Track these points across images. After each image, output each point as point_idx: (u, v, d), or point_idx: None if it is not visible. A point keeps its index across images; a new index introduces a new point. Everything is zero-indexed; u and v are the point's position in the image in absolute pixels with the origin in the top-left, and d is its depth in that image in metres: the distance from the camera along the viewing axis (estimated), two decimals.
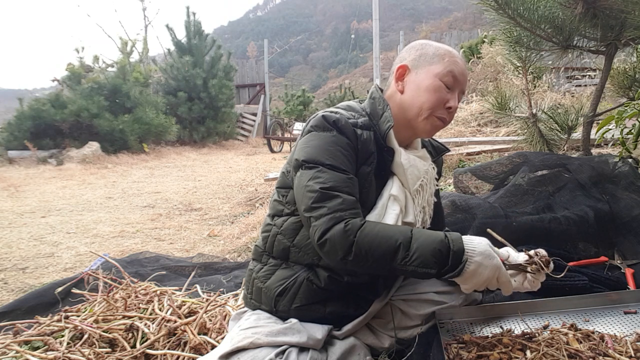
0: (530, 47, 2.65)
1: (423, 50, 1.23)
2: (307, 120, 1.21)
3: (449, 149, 1.42)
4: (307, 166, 1.12)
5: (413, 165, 1.21)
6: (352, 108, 1.24)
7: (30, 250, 3.03)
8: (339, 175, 1.09)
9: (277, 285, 1.19)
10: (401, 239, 1.01)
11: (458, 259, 1.01)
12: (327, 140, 1.12)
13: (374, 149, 1.17)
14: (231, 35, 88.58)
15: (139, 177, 6.56)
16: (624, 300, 1.36)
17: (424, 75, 1.19)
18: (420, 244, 1.01)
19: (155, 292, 1.72)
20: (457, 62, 1.20)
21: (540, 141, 2.87)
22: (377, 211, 1.15)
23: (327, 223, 1.04)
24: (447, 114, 1.20)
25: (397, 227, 1.09)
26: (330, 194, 1.06)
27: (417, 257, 1.00)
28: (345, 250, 1.02)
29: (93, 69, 10.05)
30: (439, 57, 1.20)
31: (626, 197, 1.91)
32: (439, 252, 1.00)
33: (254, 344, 1.08)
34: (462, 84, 1.21)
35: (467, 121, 5.99)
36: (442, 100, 1.18)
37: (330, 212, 1.04)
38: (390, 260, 1.01)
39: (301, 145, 1.16)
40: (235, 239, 3.13)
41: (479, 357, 1.08)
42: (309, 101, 15.76)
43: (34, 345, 1.40)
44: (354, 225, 1.03)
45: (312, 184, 1.08)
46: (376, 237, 1.02)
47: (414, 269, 1.00)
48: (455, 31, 13.54)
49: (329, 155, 1.10)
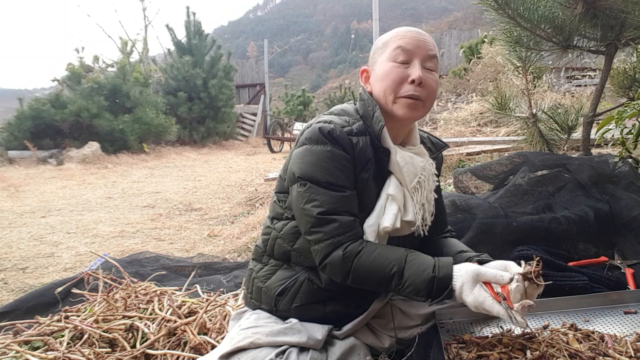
0: (530, 47, 2.65)
1: (375, 46, 1.23)
2: (304, 127, 1.19)
3: (447, 144, 1.40)
4: (302, 183, 1.11)
5: (409, 163, 1.18)
6: (347, 112, 1.22)
7: (30, 250, 3.03)
8: (335, 196, 1.09)
9: (278, 285, 1.19)
10: (396, 268, 1.05)
11: (444, 286, 1.03)
12: (322, 155, 1.10)
13: (370, 154, 1.16)
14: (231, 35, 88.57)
15: (139, 177, 6.56)
16: (624, 300, 1.36)
17: (378, 67, 1.19)
18: (412, 273, 1.04)
19: (155, 292, 1.72)
20: (405, 35, 1.16)
21: (540, 141, 2.87)
22: (376, 212, 1.14)
23: (326, 249, 1.08)
24: (414, 89, 1.14)
25: (394, 252, 1.08)
26: (327, 219, 1.08)
27: (409, 284, 1.05)
28: (344, 275, 1.08)
29: (93, 69, 10.06)
30: (384, 44, 1.19)
31: (626, 197, 1.91)
32: (428, 281, 1.03)
33: (254, 344, 1.08)
34: (419, 50, 1.15)
35: (467, 121, 5.99)
36: (399, 77, 1.14)
37: (328, 237, 1.08)
38: (386, 285, 1.07)
39: (296, 159, 1.14)
40: (235, 239, 3.13)
41: (479, 357, 1.08)
42: (309, 101, 15.77)
43: (34, 345, 1.40)
44: (351, 252, 1.07)
45: (310, 207, 1.09)
46: (372, 264, 1.06)
47: (407, 294, 1.07)
48: (455, 31, 13.53)
49: (325, 172, 1.09)
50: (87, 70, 9.88)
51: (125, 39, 11.57)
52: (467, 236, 1.84)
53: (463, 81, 8.37)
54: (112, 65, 10.40)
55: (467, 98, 7.22)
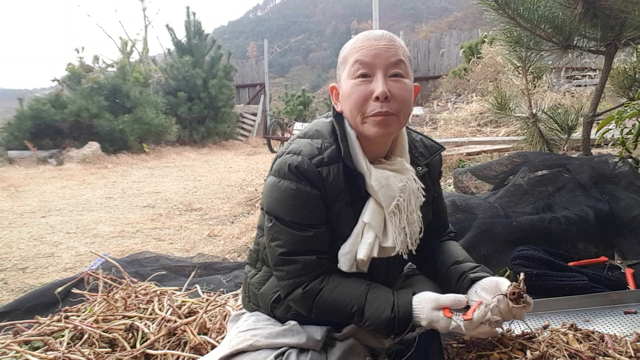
0: (530, 47, 2.65)
1: (339, 61, 1.13)
2: (277, 154, 1.13)
3: (443, 146, 1.29)
4: (269, 218, 1.10)
5: (385, 185, 1.08)
6: (321, 134, 1.13)
7: (30, 250, 3.03)
8: (299, 236, 1.07)
9: (273, 293, 1.18)
10: (356, 307, 1.06)
11: (404, 325, 1.04)
12: (288, 193, 1.06)
13: (343, 184, 1.09)
14: (231, 35, 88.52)
15: (139, 177, 6.56)
16: (624, 300, 1.36)
17: (342, 85, 1.10)
18: (371, 313, 1.05)
19: (155, 292, 1.72)
20: (362, 46, 1.06)
21: (540, 141, 2.87)
22: (351, 240, 1.10)
23: (288, 288, 1.10)
24: (380, 106, 1.04)
25: (355, 290, 1.07)
26: (288, 260, 1.08)
27: (369, 323, 1.06)
28: (307, 311, 1.10)
29: (93, 69, 10.05)
30: (344, 59, 1.10)
31: (626, 197, 1.91)
32: (387, 321, 1.04)
33: (253, 346, 1.08)
34: (379, 60, 1.04)
35: (467, 121, 5.99)
36: (362, 96, 1.05)
37: (291, 277, 1.09)
38: (349, 320, 1.09)
39: (266, 192, 1.12)
40: (235, 239, 3.14)
41: (479, 357, 1.08)
42: (309, 101, 15.77)
43: (34, 345, 1.40)
44: (312, 291, 1.08)
45: (273, 246, 1.10)
46: (334, 303, 1.07)
47: (369, 331, 1.09)
48: (455, 31, 13.53)
49: (289, 210, 1.06)
50: (87, 70, 9.88)
51: (125, 39, 11.57)
52: (467, 236, 1.84)
53: (463, 81, 8.37)
54: (112, 65, 10.39)
55: (467, 98, 7.22)
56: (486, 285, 1.09)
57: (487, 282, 1.10)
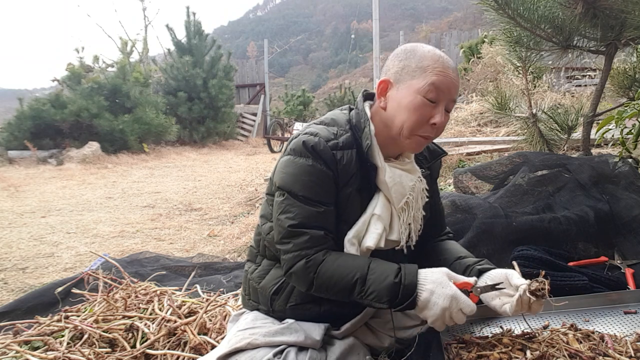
0: (530, 47, 2.65)
1: (406, 61, 1.13)
2: (292, 137, 1.17)
3: (445, 151, 1.37)
4: (281, 193, 1.12)
5: (398, 183, 1.15)
6: (336, 122, 1.18)
7: (30, 250, 3.03)
8: (310, 210, 1.09)
9: (272, 285, 1.19)
10: (358, 275, 1.06)
11: (410, 293, 1.03)
12: (303, 169, 1.09)
13: (355, 169, 1.13)
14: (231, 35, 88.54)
15: (139, 177, 6.56)
16: (624, 300, 1.36)
17: (405, 92, 1.11)
18: (375, 279, 1.05)
19: (155, 292, 1.72)
20: (442, 72, 1.10)
21: (540, 141, 2.87)
22: (357, 227, 1.13)
23: (292, 260, 1.10)
24: (431, 131, 1.12)
25: (357, 260, 1.08)
26: (297, 232, 1.09)
27: (371, 291, 1.04)
28: (308, 284, 1.09)
29: (93, 69, 10.06)
30: (420, 70, 1.10)
31: (626, 197, 1.91)
32: (391, 287, 1.03)
33: (252, 344, 1.08)
34: (448, 94, 1.11)
35: (467, 121, 5.98)
36: (424, 118, 1.10)
37: (297, 249, 1.09)
38: (349, 294, 1.07)
39: (279, 168, 1.14)
40: (235, 239, 3.14)
41: (479, 357, 1.08)
42: (309, 101, 15.78)
43: (34, 345, 1.40)
44: (315, 261, 1.08)
45: (283, 218, 1.10)
46: (335, 272, 1.07)
47: (369, 302, 1.06)
48: (455, 31, 13.54)
49: (302, 185, 1.09)
50: (87, 70, 9.88)
51: (125, 39, 11.58)
52: (467, 236, 1.84)
53: (463, 81, 8.36)
54: (112, 65, 10.40)
55: (467, 98, 7.21)
56: (496, 278, 1.11)
57: (495, 274, 1.13)
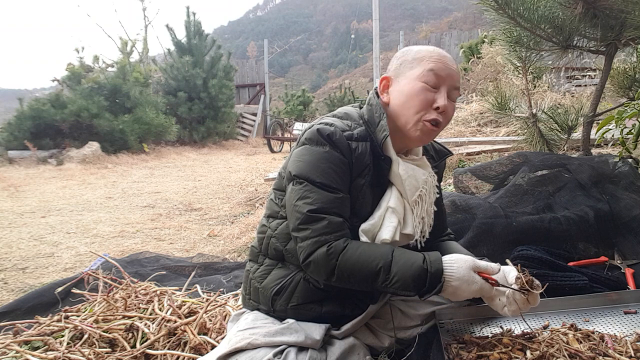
0: (530, 47, 2.65)
1: (404, 57, 1.19)
2: (305, 127, 1.19)
3: (451, 152, 1.38)
4: (297, 181, 1.12)
5: (411, 176, 1.17)
6: (350, 116, 1.21)
7: (30, 250, 3.02)
8: (328, 196, 1.09)
9: (274, 285, 1.19)
10: (382, 263, 1.05)
11: (436, 281, 1.03)
12: (320, 156, 1.10)
13: (369, 161, 1.15)
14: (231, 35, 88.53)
15: (139, 177, 6.56)
16: (624, 300, 1.36)
17: (405, 82, 1.16)
18: (400, 267, 1.04)
19: (155, 292, 1.72)
20: (439, 59, 1.14)
21: (540, 141, 2.87)
22: (373, 221, 1.14)
23: (312, 246, 1.07)
24: (436, 115, 1.14)
25: (379, 248, 1.08)
26: (316, 217, 1.08)
27: (397, 280, 1.04)
28: (328, 272, 1.07)
29: (93, 69, 10.05)
30: (417, 60, 1.15)
31: (626, 197, 1.91)
32: (418, 275, 1.03)
33: (252, 344, 1.08)
34: (448, 79, 1.14)
35: (467, 121, 5.99)
36: (427, 100, 1.13)
37: (315, 235, 1.07)
38: (372, 282, 1.06)
39: (294, 158, 1.15)
40: (235, 239, 3.13)
41: (479, 357, 1.08)
42: (309, 101, 15.77)
43: (34, 345, 1.40)
44: (336, 248, 1.06)
45: (301, 204, 1.09)
46: (358, 260, 1.05)
47: (394, 290, 1.05)
48: (455, 31, 13.55)
49: (320, 172, 1.09)
50: (87, 70, 9.87)
51: (125, 39, 11.56)
52: (467, 236, 1.84)
53: (463, 81, 8.36)
54: (112, 65, 10.38)
55: (467, 98, 7.21)
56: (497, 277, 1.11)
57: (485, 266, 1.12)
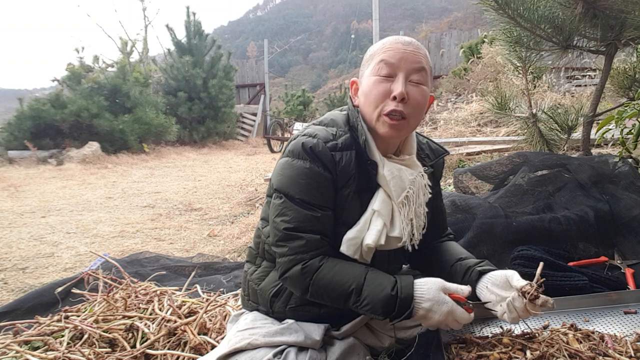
0: (530, 47, 2.65)
1: (364, 59, 1.18)
2: (292, 137, 1.16)
3: (448, 151, 1.35)
4: (278, 195, 1.11)
5: (397, 177, 1.14)
6: (336, 122, 1.18)
7: (30, 250, 3.02)
8: (306, 214, 1.07)
9: (272, 287, 1.19)
10: (354, 285, 1.05)
11: (406, 306, 1.02)
12: (299, 171, 1.08)
13: (354, 170, 1.12)
14: (231, 35, 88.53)
15: (139, 177, 6.56)
16: (624, 300, 1.36)
17: (364, 81, 1.15)
18: (370, 291, 1.04)
19: (155, 292, 1.72)
20: (390, 47, 1.11)
21: (540, 141, 2.87)
22: (358, 227, 1.12)
23: (288, 264, 1.09)
24: (395, 105, 1.08)
25: (354, 269, 1.07)
26: (293, 235, 1.08)
27: (367, 302, 1.04)
28: (303, 290, 1.09)
29: (93, 69, 10.05)
30: (371, 56, 1.14)
31: (626, 197, 1.91)
32: (387, 300, 1.02)
33: (252, 344, 1.08)
34: (404, 63, 1.09)
35: (467, 121, 5.99)
36: (381, 93, 1.09)
37: (292, 253, 1.08)
38: (344, 302, 1.07)
39: (278, 170, 1.14)
40: (235, 239, 3.14)
41: (479, 357, 1.08)
42: (309, 101, 15.78)
43: (34, 345, 1.40)
44: (311, 267, 1.07)
45: (279, 221, 1.09)
46: (331, 280, 1.06)
47: (364, 312, 1.06)
48: (455, 31, 13.54)
49: (299, 188, 1.08)
50: (87, 70, 9.87)
51: (125, 39, 11.56)
52: (467, 236, 1.84)
53: (463, 81, 8.37)
54: (112, 65, 10.38)
55: (467, 98, 7.22)
56: (497, 280, 1.11)
57: (497, 276, 1.12)
